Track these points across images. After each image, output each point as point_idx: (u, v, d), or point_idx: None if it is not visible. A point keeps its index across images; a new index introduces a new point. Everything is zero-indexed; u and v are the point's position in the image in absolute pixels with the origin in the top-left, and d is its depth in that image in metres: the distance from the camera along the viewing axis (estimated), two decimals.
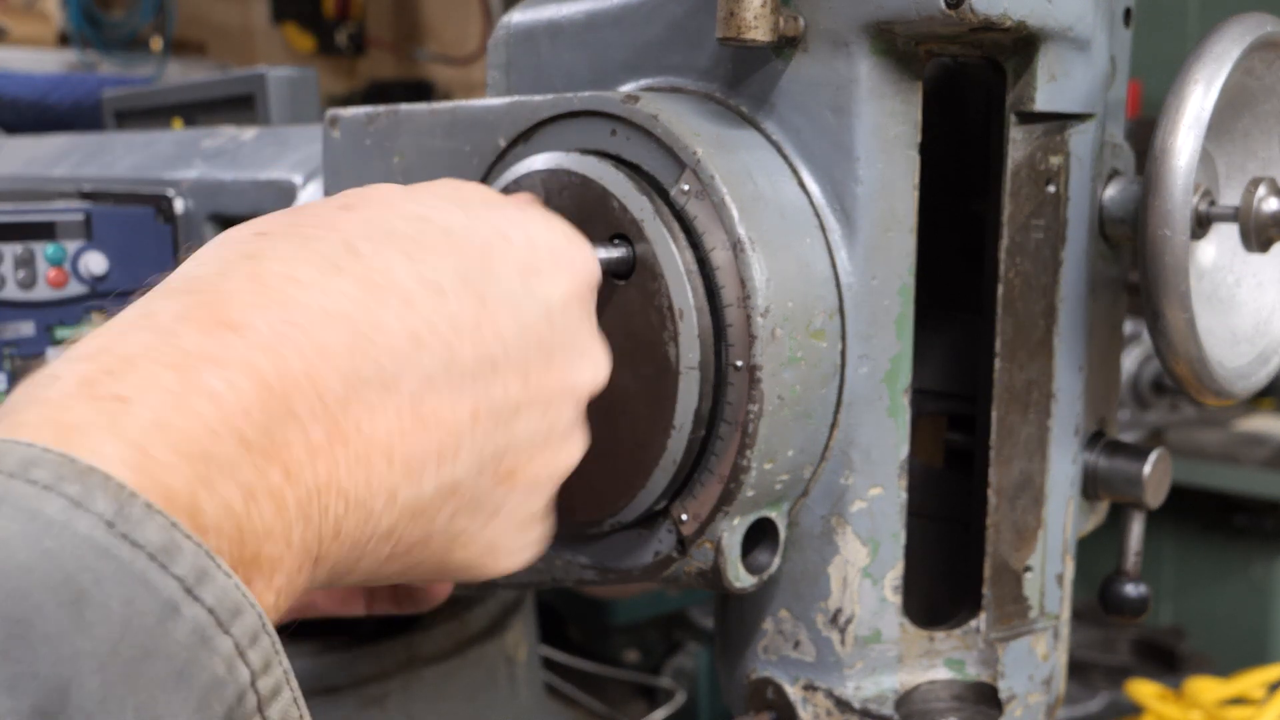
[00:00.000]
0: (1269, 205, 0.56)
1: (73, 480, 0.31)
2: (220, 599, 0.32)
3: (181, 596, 0.32)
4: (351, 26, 3.59)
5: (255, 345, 0.38)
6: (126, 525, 0.31)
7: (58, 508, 0.31)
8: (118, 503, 0.31)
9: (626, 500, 0.57)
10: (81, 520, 0.31)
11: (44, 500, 0.31)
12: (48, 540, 0.30)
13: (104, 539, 0.31)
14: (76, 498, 0.31)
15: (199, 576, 0.32)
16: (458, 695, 0.99)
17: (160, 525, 0.32)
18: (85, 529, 0.31)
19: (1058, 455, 0.62)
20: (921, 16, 0.54)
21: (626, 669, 1.63)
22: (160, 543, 0.32)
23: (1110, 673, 1.60)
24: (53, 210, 0.91)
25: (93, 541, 0.31)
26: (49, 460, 0.32)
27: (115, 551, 0.31)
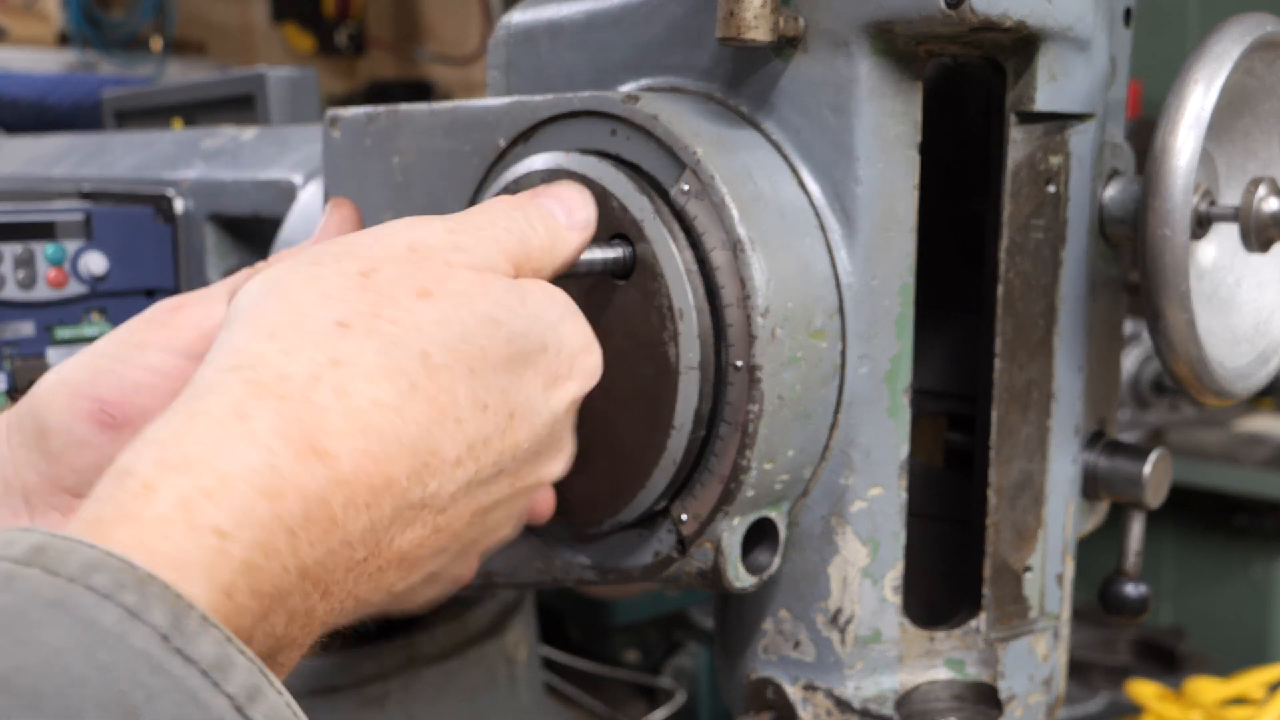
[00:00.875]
0: (1269, 205, 0.56)
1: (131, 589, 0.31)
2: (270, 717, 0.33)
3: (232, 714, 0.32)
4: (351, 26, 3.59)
5: (336, 479, 0.39)
6: (181, 639, 0.31)
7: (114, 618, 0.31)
8: (174, 615, 0.31)
9: (626, 500, 0.57)
10: (137, 632, 0.31)
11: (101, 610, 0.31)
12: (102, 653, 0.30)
13: (158, 653, 0.31)
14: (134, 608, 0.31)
15: (250, 694, 0.32)
16: (458, 695, 0.98)
17: (215, 640, 0.32)
18: (140, 642, 0.31)
19: (1058, 455, 0.62)
20: (921, 16, 0.54)
21: (626, 669, 1.63)
22: (214, 658, 0.32)
23: (1110, 673, 1.59)
24: (53, 210, 0.91)
25: (147, 656, 0.31)
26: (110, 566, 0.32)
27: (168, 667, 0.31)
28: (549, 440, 0.49)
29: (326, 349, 0.41)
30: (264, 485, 0.37)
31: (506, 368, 0.46)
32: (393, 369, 0.42)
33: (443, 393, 0.43)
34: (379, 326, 0.42)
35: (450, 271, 0.45)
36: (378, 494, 0.40)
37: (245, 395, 0.39)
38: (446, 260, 0.46)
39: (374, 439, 0.40)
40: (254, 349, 0.40)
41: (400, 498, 0.41)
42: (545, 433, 0.48)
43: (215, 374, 0.40)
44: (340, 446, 0.39)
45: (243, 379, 0.39)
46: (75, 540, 0.32)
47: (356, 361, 0.41)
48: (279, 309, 0.42)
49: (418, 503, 0.42)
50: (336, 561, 0.39)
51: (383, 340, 0.42)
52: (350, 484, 0.39)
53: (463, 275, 0.46)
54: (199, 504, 0.35)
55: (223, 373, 0.39)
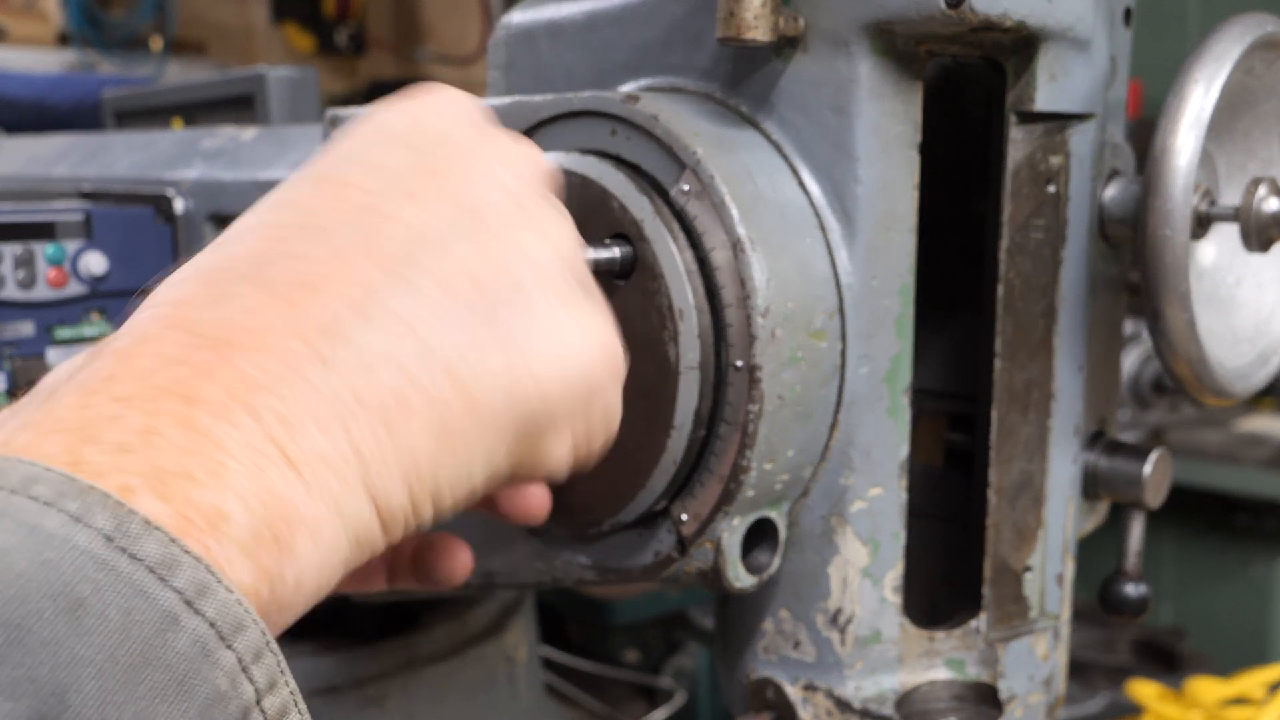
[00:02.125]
0: (1269, 205, 0.56)
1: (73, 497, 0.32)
2: (221, 613, 0.32)
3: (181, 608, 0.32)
4: (351, 26, 3.59)
5: (225, 250, 0.41)
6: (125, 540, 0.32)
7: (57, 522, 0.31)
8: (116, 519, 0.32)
9: (626, 500, 0.57)
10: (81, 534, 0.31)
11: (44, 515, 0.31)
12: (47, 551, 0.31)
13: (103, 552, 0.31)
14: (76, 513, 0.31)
15: (199, 590, 0.32)
16: (458, 695, 0.99)
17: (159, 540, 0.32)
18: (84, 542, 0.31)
19: (1058, 455, 0.62)
20: (921, 16, 0.54)
21: (626, 669, 1.63)
22: (159, 557, 0.32)
23: (1110, 673, 1.59)
24: (52, 210, 0.91)
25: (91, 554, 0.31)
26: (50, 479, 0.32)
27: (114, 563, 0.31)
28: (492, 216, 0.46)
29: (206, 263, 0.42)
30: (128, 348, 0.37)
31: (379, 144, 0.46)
32: (262, 206, 0.43)
33: (321, 179, 0.44)
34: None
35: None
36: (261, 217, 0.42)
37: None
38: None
39: (254, 215, 0.42)
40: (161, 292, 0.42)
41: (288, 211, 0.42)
42: (466, 154, 0.46)
43: None
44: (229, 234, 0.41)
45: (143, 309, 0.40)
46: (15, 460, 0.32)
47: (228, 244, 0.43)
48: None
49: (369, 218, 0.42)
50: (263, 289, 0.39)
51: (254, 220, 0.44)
52: (231, 250, 0.41)
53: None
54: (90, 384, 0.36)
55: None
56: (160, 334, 0.38)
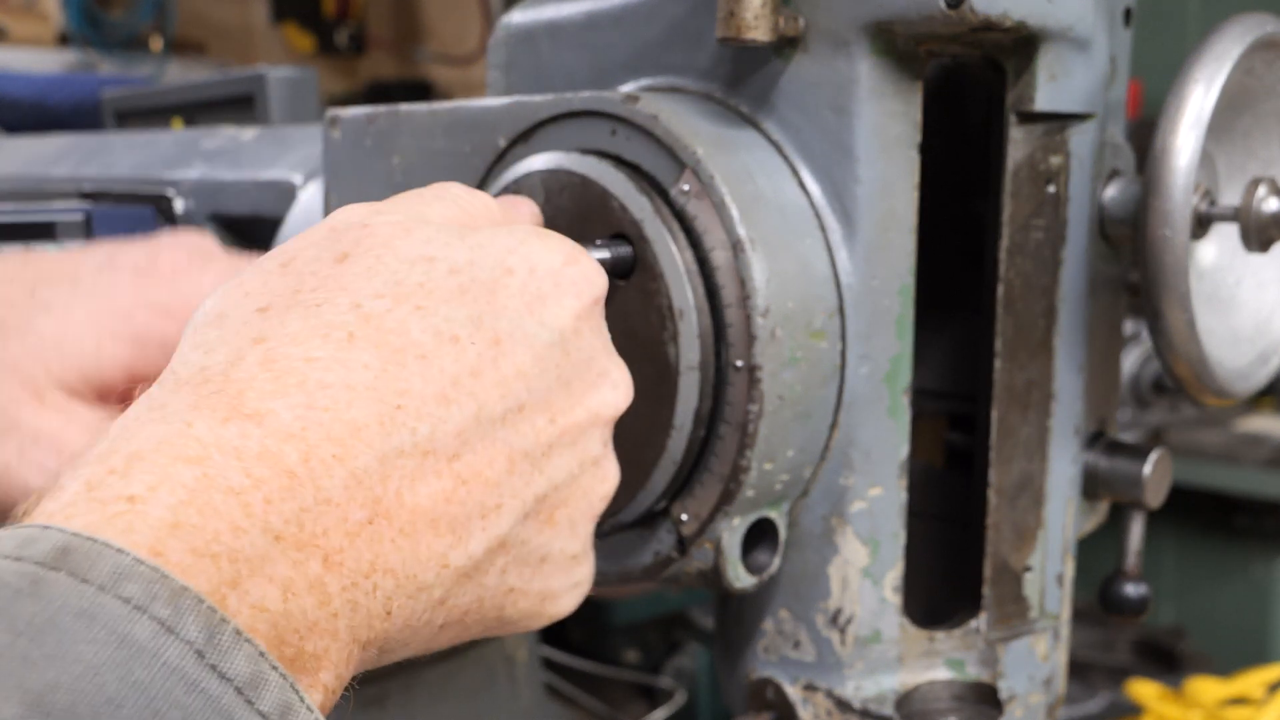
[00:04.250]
0: (1269, 205, 0.56)
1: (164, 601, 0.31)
2: None
3: None
4: (351, 26, 3.59)
5: (277, 433, 0.36)
6: (216, 655, 0.31)
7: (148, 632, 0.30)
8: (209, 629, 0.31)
9: (626, 500, 0.57)
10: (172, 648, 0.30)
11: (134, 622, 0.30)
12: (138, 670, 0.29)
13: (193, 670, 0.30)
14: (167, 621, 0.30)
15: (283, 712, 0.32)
16: (458, 695, 0.99)
17: (248, 655, 0.31)
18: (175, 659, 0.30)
19: (1058, 455, 0.62)
20: (921, 16, 0.54)
21: (626, 669, 1.63)
22: (248, 675, 0.31)
23: (1110, 673, 1.59)
24: (53, 210, 0.91)
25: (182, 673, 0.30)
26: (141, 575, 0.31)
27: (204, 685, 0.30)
28: (569, 364, 0.45)
29: (246, 334, 0.39)
30: (180, 452, 0.35)
31: (462, 299, 0.43)
32: (321, 326, 0.40)
33: (390, 333, 0.40)
34: (300, 299, 0.41)
35: (367, 230, 0.44)
36: (344, 443, 0.37)
37: (162, 392, 0.38)
38: (363, 223, 0.44)
39: (316, 392, 0.38)
40: (178, 360, 0.39)
41: (381, 444, 0.38)
42: (557, 355, 0.45)
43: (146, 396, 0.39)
44: (275, 404, 0.37)
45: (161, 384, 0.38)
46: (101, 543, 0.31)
47: (278, 333, 0.39)
48: (203, 325, 0.41)
49: (412, 449, 0.39)
50: (321, 522, 0.36)
51: (305, 308, 0.40)
52: (300, 436, 0.37)
53: (380, 229, 0.44)
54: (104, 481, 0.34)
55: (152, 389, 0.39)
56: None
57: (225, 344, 0.39)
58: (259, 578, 0.34)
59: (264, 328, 0.40)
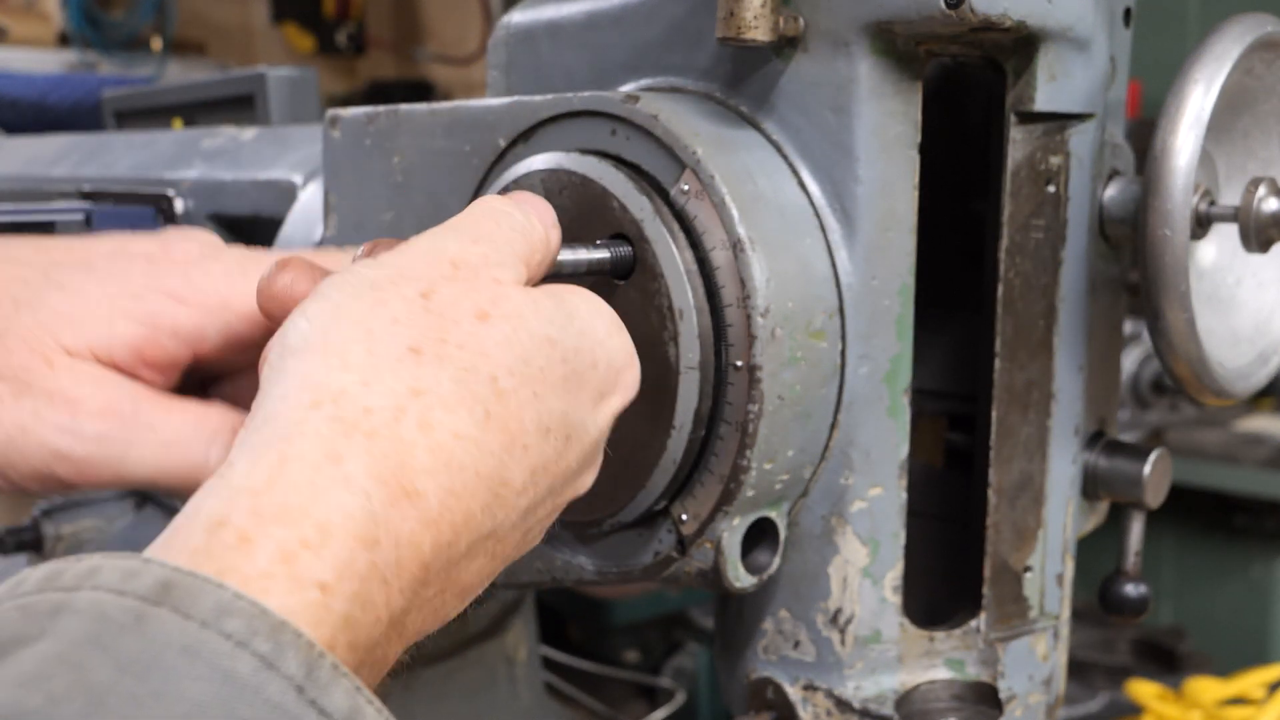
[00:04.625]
0: (1269, 205, 0.56)
1: (265, 636, 0.31)
2: None
3: None
4: (351, 26, 3.59)
5: (425, 520, 0.39)
6: (315, 690, 0.31)
7: (250, 668, 0.31)
8: (308, 664, 0.32)
9: (626, 500, 0.57)
10: (273, 684, 0.31)
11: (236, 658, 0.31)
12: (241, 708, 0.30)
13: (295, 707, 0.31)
14: (269, 657, 0.31)
15: None
16: (458, 695, 0.99)
17: (346, 690, 0.32)
18: (277, 695, 0.31)
19: (1058, 455, 0.62)
20: (921, 16, 0.54)
21: (626, 669, 1.63)
22: (346, 710, 0.32)
23: (1110, 673, 1.59)
24: (53, 210, 0.90)
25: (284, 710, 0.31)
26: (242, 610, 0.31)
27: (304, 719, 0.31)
28: (591, 456, 0.49)
29: (405, 378, 0.41)
30: (362, 533, 0.36)
31: (564, 388, 0.46)
32: (469, 397, 0.42)
33: (512, 419, 0.43)
34: (449, 352, 0.42)
35: (501, 290, 0.45)
36: (458, 532, 0.40)
37: (334, 435, 0.38)
38: (494, 278, 0.46)
39: (456, 474, 0.40)
40: (332, 382, 0.40)
41: (475, 533, 0.41)
42: (591, 451, 0.48)
43: (297, 412, 0.39)
44: (429, 485, 0.39)
45: (327, 417, 0.39)
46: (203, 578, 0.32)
47: (434, 390, 0.41)
48: (351, 337, 0.41)
49: (487, 534, 0.42)
50: (419, 603, 0.39)
51: (455, 367, 0.42)
52: (437, 524, 0.39)
53: (513, 295, 0.46)
54: (300, 556, 0.35)
55: (305, 410, 0.39)
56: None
57: (382, 382, 0.40)
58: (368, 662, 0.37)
59: (420, 377, 0.41)
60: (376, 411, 0.39)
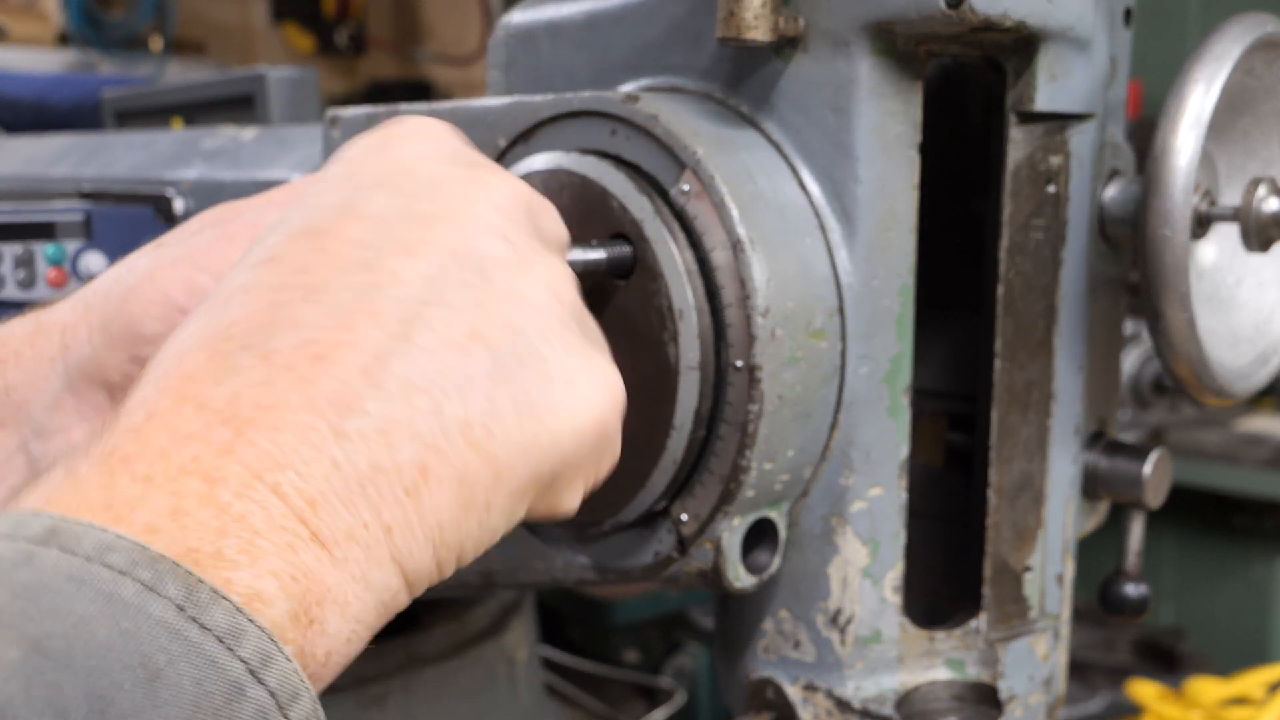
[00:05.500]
0: (1269, 205, 0.56)
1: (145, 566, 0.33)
2: (282, 683, 0.33)
3: (247, 678, 0.33)
4: (351, 26, 3.59)
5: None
6: (196, 609, 0.33)
7: (133, 591, 0.32)
8: (187, 588, 0.33)
9: (626, 500, 0.57)
10: (155, 604, 0.32)
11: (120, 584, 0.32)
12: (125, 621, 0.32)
13: (176, 621, 0.32)
14: (149, 582, 0.32)
15: (263, 660, 0.33)
16: (458, 695, 0.99)
17: (226, 610, 0.33)
18: (159, 612, 0.32)
19: (1058, 455, 0.62)
20: (921, 16, 0.54)
21: (626, 669, 1.63)
22: (226, 626, 0.33)
23: (1110, 673, 1.59)
24: (53, 210, 0.91)
25: (166, 624, 0.32)
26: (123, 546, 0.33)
27: (186, 633, 0.32)
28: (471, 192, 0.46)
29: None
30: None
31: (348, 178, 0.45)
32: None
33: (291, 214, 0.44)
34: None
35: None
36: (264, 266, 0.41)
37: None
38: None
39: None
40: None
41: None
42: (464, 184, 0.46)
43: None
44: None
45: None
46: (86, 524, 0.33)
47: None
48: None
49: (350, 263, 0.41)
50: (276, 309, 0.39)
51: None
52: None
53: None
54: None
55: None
56: (171, 409, 0.37)
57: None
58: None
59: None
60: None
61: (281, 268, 0.41)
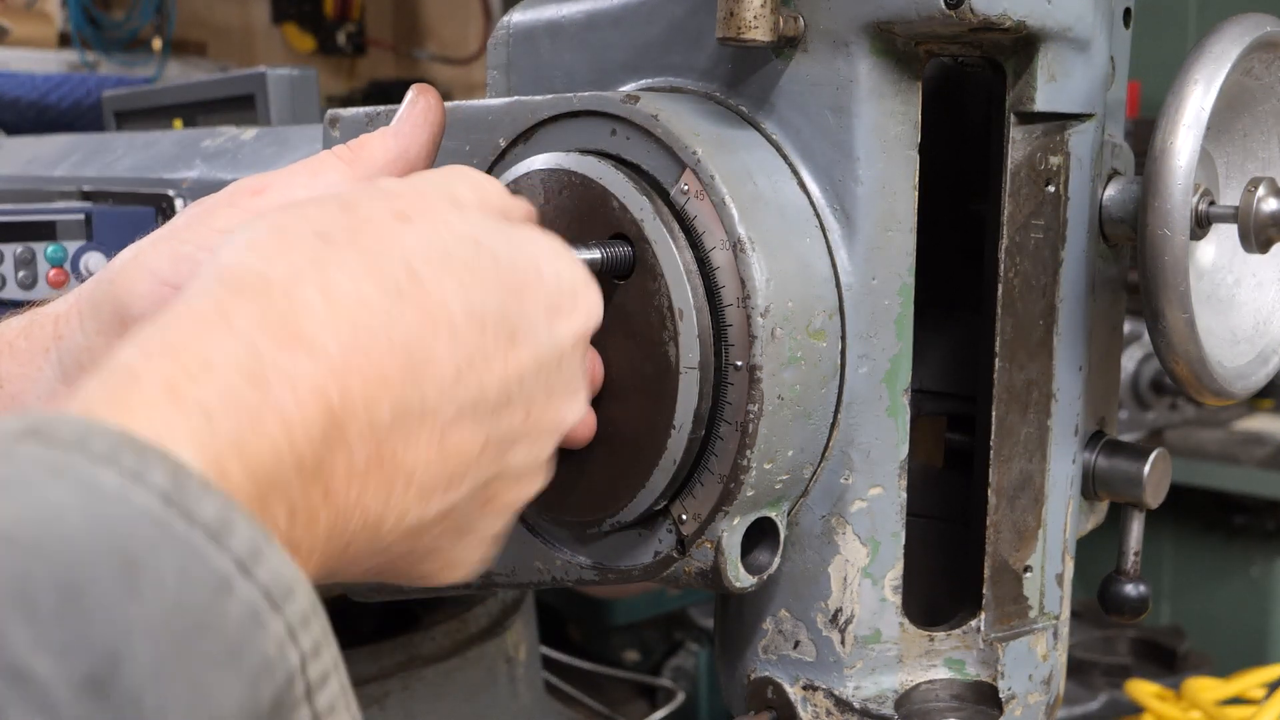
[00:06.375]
0: (1268, 205, 0.56)
1: (130, 453, 0.31)
2: (274, 578, 0.32)
3: (235, 574, 0.31)
4: (351, 26, 3.59)
5: (326, 367, 0.38)
6: (183, 500, 0.31)
7: (114, 480, 0.31)
8: (175, 478, 0.31)
9: (626, 500, 0.57)
10: (138, 493, 0.31)
11: (100, 472, 0.31)
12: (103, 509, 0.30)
13: (160, 511, 0.31)
14: (134, 470, 0.31)
15: (253, 555, 0.32)
16: (458, 695, 0.99)
17: (216, 502, 0.32)
18: (141, 501, 0.30)
19: (1058, 455, 0.62)
20: (921, 16, 0.54)
21: (626, 669, 1.63)
22: (216, 519, 0.32)
23: (1110, 673, 1.59)
24: (53, 210, 0.91)
25: (148, 513, 0.30)
26: (107, 433, 0.31)
27: (170, 524, 0.31)
28: (559, 375, 0.48)
29: (307, 253, 0.41)
30: (246, 370, 0.36)
31: (498, 287, 0.45)
32: (377, 272, 0.42)
33: (432, 302, 0.43)
34: (360, 240, 0.42)
35: (426, 201, 0.46)
36: (373, 390, 0.40)
37: (226, 295, 0.39)
38: (418, 191, 0.46)
39: (362, 333, 0.40)
40: (235, 260, 0.40)
41: (397, 399, 0.41)
42: (553, 365, 0.48)
43: (198, 284, 0.40)
44: (326, 337, 0.39)
45: (224, 282, 0.39)
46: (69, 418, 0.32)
47: (339, 262, 0.41)
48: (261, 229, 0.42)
49: (418, 410, 0.42)
50: (336, 460, 0.38)
51: (364, 252, 0.42)
52: (343, 376, 0.39)
53: (439, 203, 0.46)
54: (183, 384, 0.35)
55: (207, 283, 0.40)
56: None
57: (285, 257, 0.40)
58: (279, 501, 0.36)
59: (324, 254, 0.41)
60: (274, 280, 0.40)
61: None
